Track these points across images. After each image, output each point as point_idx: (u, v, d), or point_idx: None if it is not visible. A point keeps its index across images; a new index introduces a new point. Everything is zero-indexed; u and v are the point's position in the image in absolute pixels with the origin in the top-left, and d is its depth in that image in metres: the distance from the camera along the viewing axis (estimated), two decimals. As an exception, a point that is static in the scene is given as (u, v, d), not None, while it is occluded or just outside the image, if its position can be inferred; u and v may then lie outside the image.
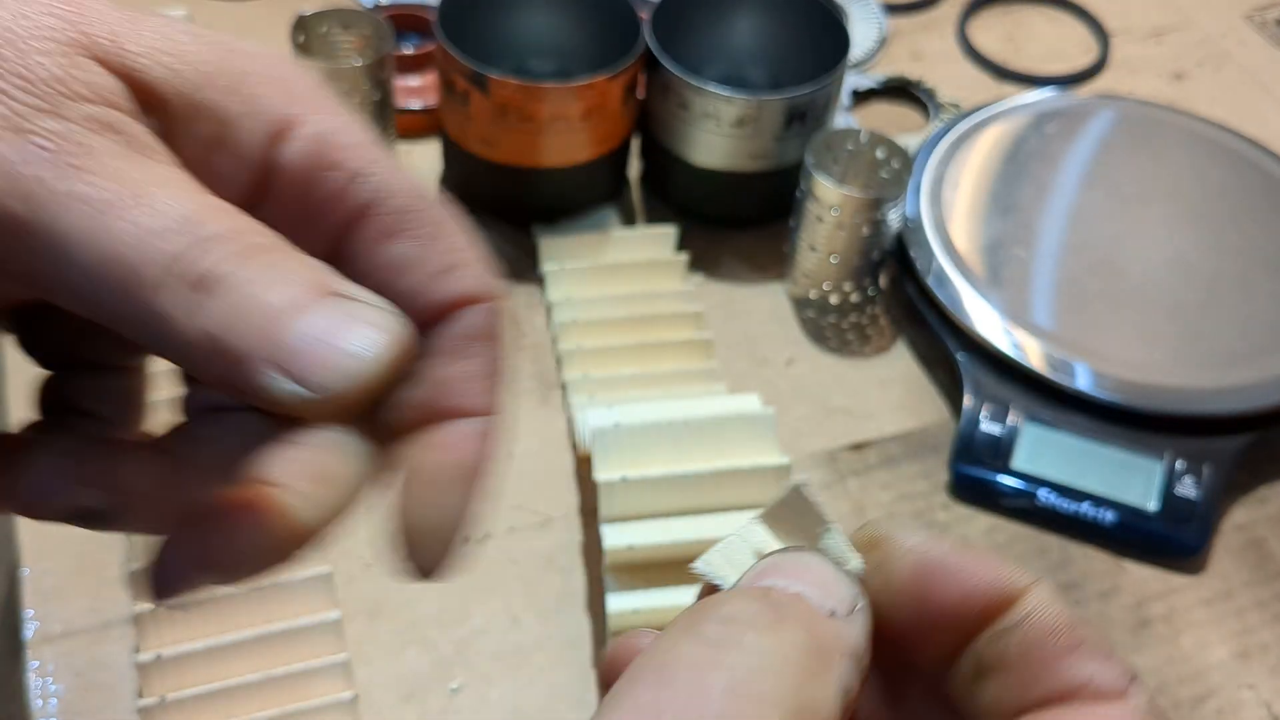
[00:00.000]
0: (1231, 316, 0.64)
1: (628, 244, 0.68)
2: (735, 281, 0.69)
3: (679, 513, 0.51)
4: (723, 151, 0.66)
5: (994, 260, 0.66)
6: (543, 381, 0.63)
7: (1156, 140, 0.73)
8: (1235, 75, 0.87)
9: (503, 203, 0.69)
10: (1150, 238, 0.68)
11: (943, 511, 0.60)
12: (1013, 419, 0.61)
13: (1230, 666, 0.56)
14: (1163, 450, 0.60)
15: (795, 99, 0.64)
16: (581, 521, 0.58)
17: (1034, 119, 0.74)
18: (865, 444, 0.62)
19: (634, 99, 0.67)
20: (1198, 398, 0.60)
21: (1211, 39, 0.90)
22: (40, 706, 0.50)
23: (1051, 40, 0.88)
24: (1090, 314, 0.63)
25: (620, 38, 0.66)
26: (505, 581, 0.55)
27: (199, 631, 0.51)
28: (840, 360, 0.66)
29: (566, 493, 0.59)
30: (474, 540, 0.61)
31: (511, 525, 0.57)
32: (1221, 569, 0.59)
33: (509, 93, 0.62)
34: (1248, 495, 0.62)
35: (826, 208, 0.63)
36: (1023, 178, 0.70)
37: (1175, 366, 0.61)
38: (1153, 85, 0.85)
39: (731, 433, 0.52)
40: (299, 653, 0.51)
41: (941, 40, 0.87)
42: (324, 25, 0.69)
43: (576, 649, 0.54)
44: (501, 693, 0.52)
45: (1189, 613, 0.58)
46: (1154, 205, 0.69)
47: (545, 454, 0.60)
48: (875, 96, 0.83)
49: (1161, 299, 0.65)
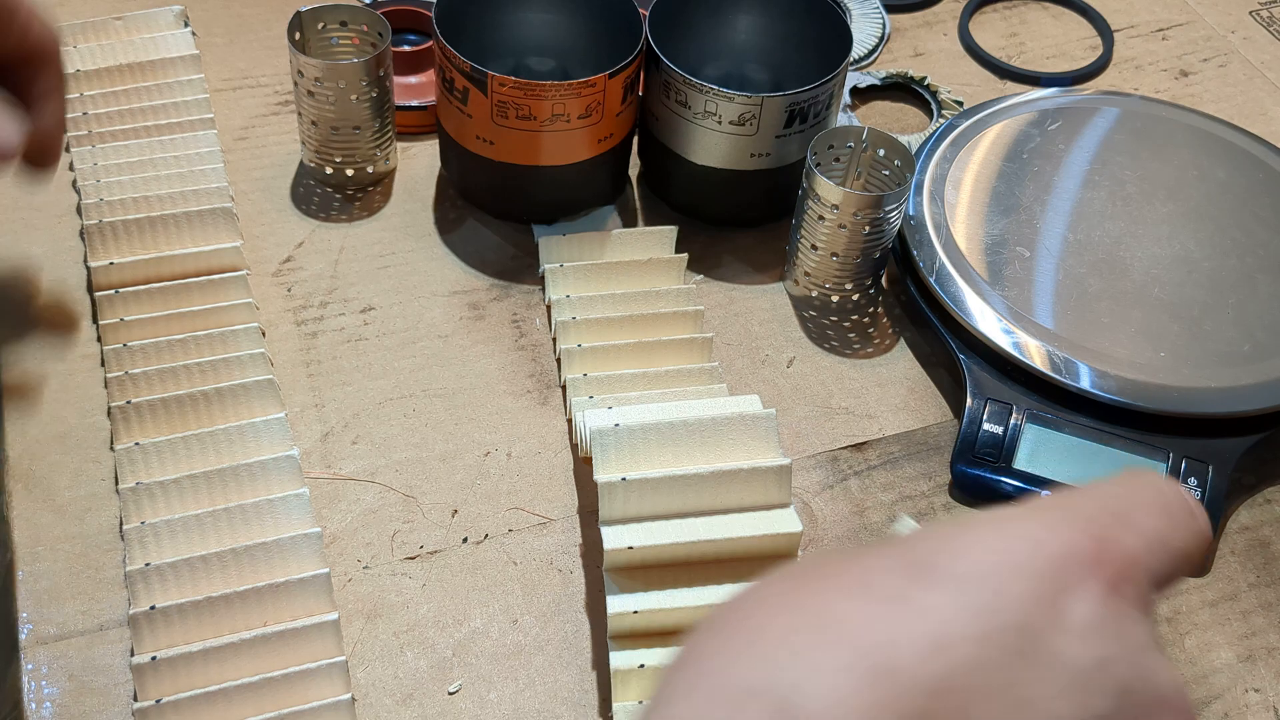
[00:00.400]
0: (1236, 316, 0.64)
1: (628, 243, 0.68)
2: (735, 281, 0.69)
3: (679, 514, 0.51)
4: (723, 150, 0.66)
5: (996, 259, 0.65)
6: (542, 381, 0.63)
7: (1161, 138, 0.73)
8: (1240, 72, 0.87)
9: (502, 202, 0.69)
10: (1154, 236, 0.67)
11: (944, 512, 0.60)
12: (1015, 419, 0.61)
13: (1236, 669, 0.55)
14: (1166, 451, 0.60)
15: (796, 97, 0.64)
16: (581, 522, 0.57)
17: (1037, 117, 0.74)
18: (866, 444, 0.62)
19: (634, 98, 0.67)
20: (1202, 398, 0.60)
21: (1216, 35, 0.90)
22: (35, 710, 0.50)
23: (1054, 37, 0.88)
24: (1093, 313, 0.63)
25: (620, 36, 0.66)
26: (505, 583, 0.55)
27: (195, 634, 0.50)
28: (841, 360, 0.66)
29: (566, 493, 0.58)
30: (473, 541, 0.61)
31: (511, 526, 0.57)
32: (1227, 571, 0.59)
33: (508, 91, 0.62)
34: (1253, 497, 0.62)
35: (827, 206, 0.63)
36: (1025, 176, 0.70)
37: (1179, 366, 0.61)
38: (1157, 82, 0.85)
39: (732, 434, 0.52)
40: (296, 655, 0.50)
41: (943, 37, 0.87)
42: (322, 22, 0.69)
43: (576, 650, 0.53)
44: (501, 694, 0.52)
45: (1194, 615, 0.57)
46: (1158, 204, 0.69)
47: (545, 454, 0.60)
48: (876, 94, 0.82)
49: (1165, 298, 0.64)
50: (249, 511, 0.54)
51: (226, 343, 0.60)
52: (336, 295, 0.66)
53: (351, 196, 0.71)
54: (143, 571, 0.51)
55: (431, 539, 0.56)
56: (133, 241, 0.64)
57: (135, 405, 0.57)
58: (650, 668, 0.49)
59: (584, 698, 0.52)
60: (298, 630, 0.51)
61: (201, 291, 0.62)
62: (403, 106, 0.74)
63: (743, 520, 0.51)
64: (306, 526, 0.54)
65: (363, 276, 0.67)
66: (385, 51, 0.67)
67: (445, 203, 0.71)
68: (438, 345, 0.64)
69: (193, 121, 0.70)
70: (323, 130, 0.68)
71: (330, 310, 0.65)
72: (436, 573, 0.55)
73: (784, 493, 0.52)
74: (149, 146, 0.69)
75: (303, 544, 0.53)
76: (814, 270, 0.67)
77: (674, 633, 0.50)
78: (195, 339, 0.60)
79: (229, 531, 0.54)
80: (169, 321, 0.61)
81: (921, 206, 0.67)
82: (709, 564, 0.51)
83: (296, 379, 0.62)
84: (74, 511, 0.55)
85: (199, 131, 0.70)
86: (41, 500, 0.56)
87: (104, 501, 0.56)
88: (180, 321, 0.61)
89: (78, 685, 0.50)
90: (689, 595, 0.50)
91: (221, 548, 0.53)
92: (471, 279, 0.67)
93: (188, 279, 0.62)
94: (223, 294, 0.63)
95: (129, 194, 0.66)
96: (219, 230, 0.65)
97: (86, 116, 0.70)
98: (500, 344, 0.64)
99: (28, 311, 0.63)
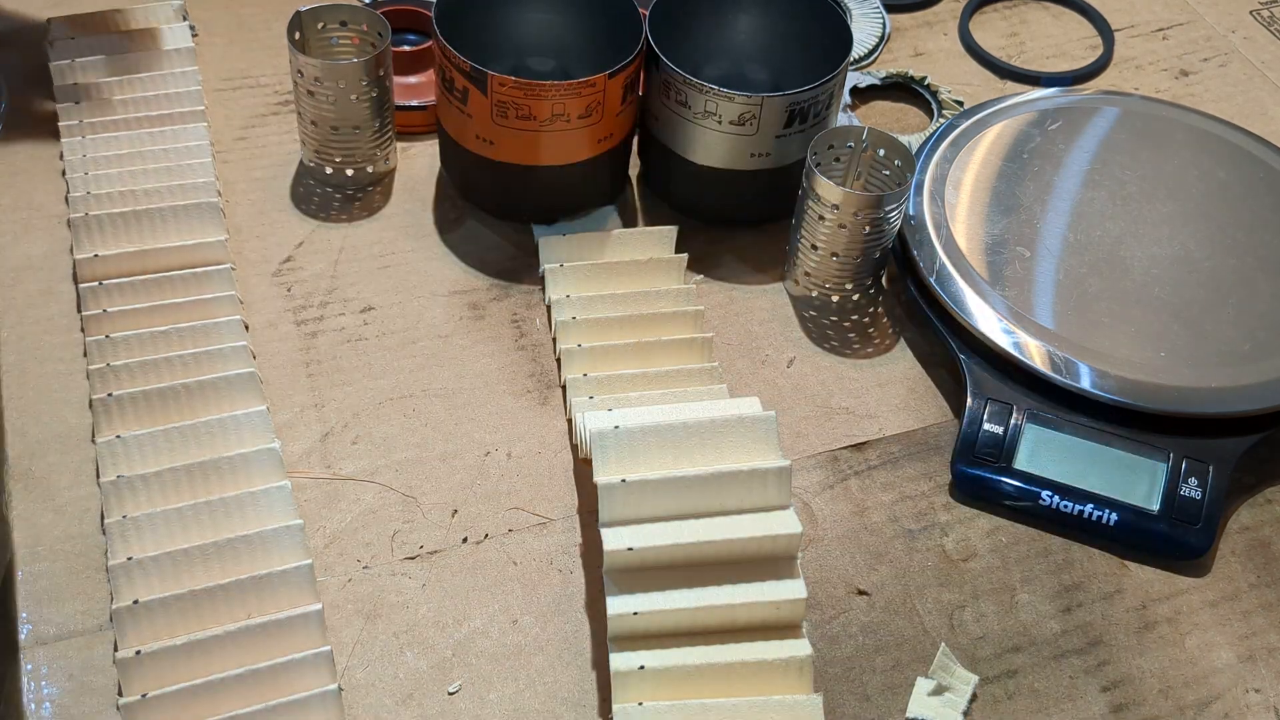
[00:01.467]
0: (1236, 316, 0.63)
1: (628, 243, 0.68)
2: (735, 281, 0.69)
3: (679, 516, 0.51)
4: (723, 150, 0.66)
5: (996, 259, 0.65)
6: (542, 381, 0.63)
7: (1161, 137, 0.73)
8: (1240, 71, 0.87)
9: (502, 202, 0.69)
10: (1154, 236, 0.67)
11: (944, 512, 0.60)
12: (1015, 419, 0.61)
13: (1236, 669, 0.55)
14: (1166, 451, 0.60)
15: (796, 97, 0.64)
16: (581, 522, 0.57)
17: (1037, 116, 0.73)
18: (866, 444, 0.62)
19: (634, 98, 0.67)
20: (1202, 398, 0.60)
21: (1217, 35, 0.90)
22: (34, 710, 0.50)
23: (1055, 37, 0.88)
24: (1094, 313, 0.63)
25: (620, 36, 0.66)
26: (505, 583, 0.55)
27: (179, 628, 0.50)
28: (841, 360, 0.66)
29: (566, 494, 0.58)
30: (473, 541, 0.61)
31: (511, 526, 0.57)
32: (1227, 571, 0.59)
33: (508, 91, 0.62)
34: (1253, 496, 0.62)
35: (828, 206, 0.63)
36: (1025, 176, 0.70)
37: (1179, 366, 0.61)
38: (1157, 82, 0.85)
39: (732, 436, 0.52)
40: (281, 646, 0.50)
41: (944, 37, 0.86)
42: (322, 22, 0.69)
43: (576, 650, 0.53)
44: (500, 694, 0.52)
45: (1194, 615, 0.57)
46: (1158, 203, 0.69)
47: (545, 455, 0.60)
48: (877, 94, 0.82)
49: (1166, 298, 0.64)
50: (230, 504, 0.54)
51: (209, 335, 0.60)
52: (336, 295, 0.66)
53: (351, 196, 0.71)
54: (125, 565, 0.51)
55: (431, 539, 0.56)
56: (119, 234, 0.64)
57: (117, 398, 0.57)
58: (650, 669, 0.49)
59: (584, 698, 0.52)
60: (282, 621, 0.51)
61: (185, 285, 0.62)
62: (403, 106, 0.74)
63: (743, 522, 0.51)
64: (289, 519, 0.54)
65: (363, 276, 0.67)
66: (385, 51, 0.67)
67: (445, 203, 0.71)
68: (438, 345, 0.64)
69: (184, 114, 0.70)
70: (323, 130, 0.68)
71: (330, 310, 0.65)
72: (436, 573, 0.55)
73: (784, 495, 0.51)
74: (138, 139, 0.69)
75: (284, 536, 0.53)
76: (814, 270, 0.67)
77: (674, 634, 0.50)
78: (178, 331, 0.60)
79: (211, 525, 0.54)
80: (152, 314, 0.61)
81: (922, 206, 0.67)
82: (709, 566, 0.50)
83: (296, 379, 0.62)
84: (73, 512, 0.55)
85: (189, 124, 0.70)
86: (41, 500, 0.56)
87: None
88: (163, 314, 0.61)
89: (77, 685, 0.50)
90: (689, 597, 0.50)
91: (204, 541, 0.53)
92: (471, 279, 0.67)
93: (171, 272, 0.63)
94: (207, 287, 0.63)
95: (116, 187, 0.66)
96: (204, 224, 0.65)
97: (79, 105, 0.70)
98: (500, 344, 0.64)
99: (27, 312, 0.63)
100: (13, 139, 0.71)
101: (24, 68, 0.75)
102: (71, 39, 0.73)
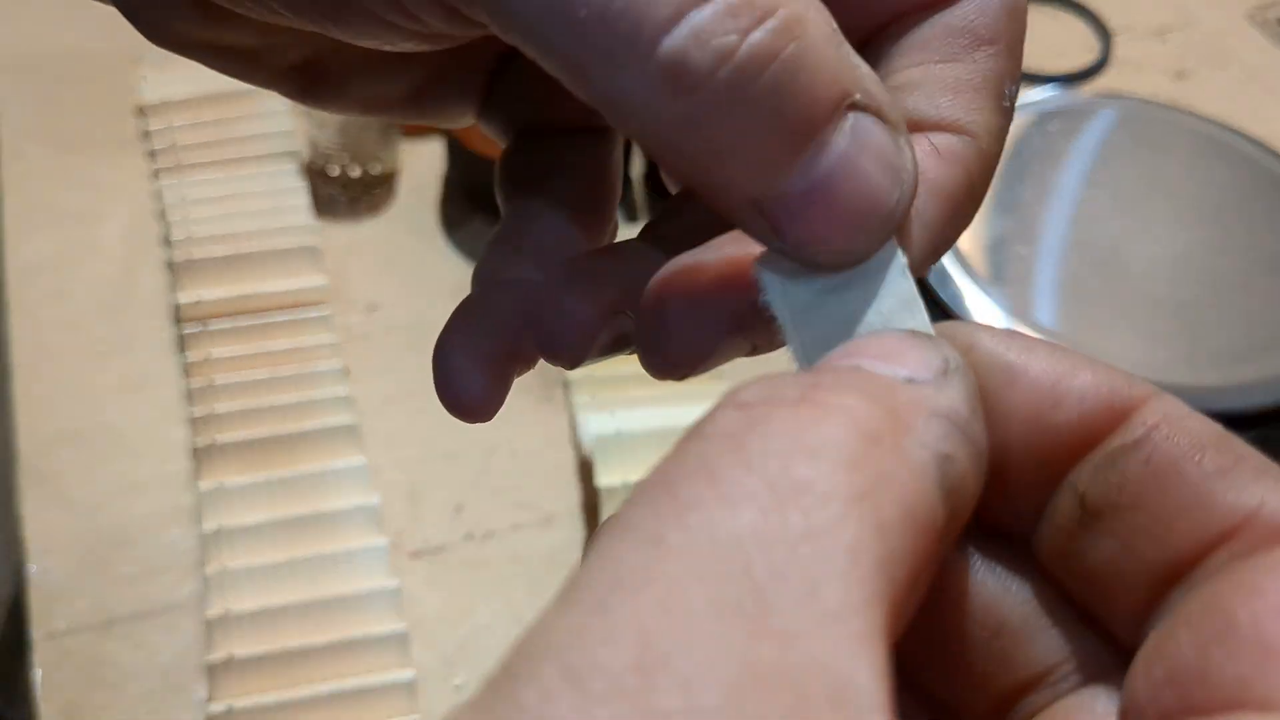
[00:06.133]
0: (1234, 315, 0.64)
1: (630, 242, 0.68)
2: (738, 280, 0.69)
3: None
4: (725, 150, 0.66)
5: (996, 258, 0.66)
6: (545, 379, 0.63)
7: (1159, 139, 0.73)
8: (1238, 74, 0.87)
9: (506, 201, 0.69)
10: (1153, 236, 0.68)
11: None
12: (1015, 417, 0.61)
13: (1232, 664, 0.56)
14: (1165, 448, 0.60)
15: (798, 98, 0.64)
16: (584, 519, 0.58)
17: (1036, 118, 0.74)
18: (867, 442, 0.62)
19: (637, 98, 0.67)
20: (1200, 396, 0.60)
21: (1214, 38, 0.90)
22: (45, 705, 0.50)
23: (1053, 38, 0.88)
24: (1093, 312, 0.63)
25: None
26: (508, 579, 0.55)
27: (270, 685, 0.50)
28: (842, 359, 0.66)
29: (569, 490, 0.59)
30: (477, 538, 0.61)
31: (515, 522, 0.57)
32: (1223, 567, 0.59)
33: (512, 92, 0.62)
34: (1249, 493, 0.62)
35: (829, 206, 0.63)
36: (1025, 176, 0.70)
37: (1178, 365, 0.61)
38: (1155, 84, 0.85)
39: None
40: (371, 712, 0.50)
41: (944, 39, 0.87)
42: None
43: (579, 647, 0.54)
44: (505, 690, 0.52)
45: (1191, 611, 0.58)
46: (1156, 204, 0.69)
47: (547, 452, 0.60)
48: (877, 95, 0.82)
49: (1164, 297, 0.65)
50: (327, 561, 0.53)
51: (311, 383, 0.60)
52: (342, 295, 0.66)
53: (356, 196, 0.71)
54: (222, 619, 0.51)
55: (435, 536, 0.57)
56: (221, 276, 0.63)
57: (220, 445, 0.56)
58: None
59: (588, 692, 0.52)
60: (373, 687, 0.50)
61: (284, 330, 0.62)
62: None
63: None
64: (384, 580, 0.53)
65: (367, 275, 0.67)
66: (390, 53, 0.67)
67: (450, 202, 0.72)
68: (442, 344, 0.64)
69: (276, 156, 0.70)
70: (327, 130, 0.68)
71: (335, 309, 0.66)
72: (440, 569, 0.56)
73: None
74: (233, 182, 0.68)
75: (380, 599, 0.52)
76: (815, 270, 0.67)
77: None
78: (278, 378, 0.59)
79: (307, 581, 0.53)
80: (254, 359, 0.60)
81: (922, 206, 0.68)
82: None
83: (302, 377, 0.62)
84: (84, 508, 0.56)
85: (283, 166, 0.69)
86: (52, 497, 0.56)
87: (114, 499, 0.56)
88: (265, 360, 0.60)
89: (88, 680, 0.51)
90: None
91: (299, 599, 0.52)
92: (475, 278, 0.68)
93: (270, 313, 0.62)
94: (306, 331, 0.62)
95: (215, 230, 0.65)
96: (302, 266, 0.65)
97: (175, 148, 0.70)
98: (504, 343, 0.65)
99: (40, 311, 0.64)
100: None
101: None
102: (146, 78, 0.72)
